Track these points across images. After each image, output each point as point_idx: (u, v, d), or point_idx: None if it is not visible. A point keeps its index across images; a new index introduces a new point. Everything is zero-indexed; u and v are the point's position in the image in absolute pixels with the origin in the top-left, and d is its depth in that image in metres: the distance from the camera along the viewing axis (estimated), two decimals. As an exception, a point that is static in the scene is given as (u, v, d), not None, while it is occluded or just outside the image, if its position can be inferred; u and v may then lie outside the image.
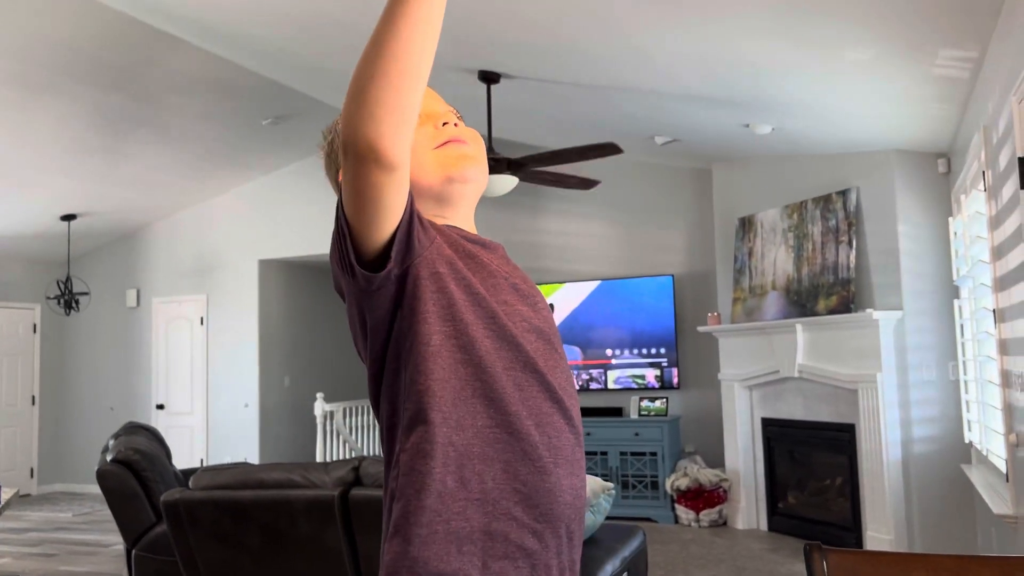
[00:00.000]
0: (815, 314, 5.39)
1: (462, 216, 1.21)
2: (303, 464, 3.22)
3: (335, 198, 8.21)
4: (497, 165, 4.91)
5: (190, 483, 3.34)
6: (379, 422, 1.11)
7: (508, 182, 4.97)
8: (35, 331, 8.82)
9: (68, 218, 7.89)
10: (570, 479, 1.09)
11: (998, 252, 3.34)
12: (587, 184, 5.20)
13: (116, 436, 4.83)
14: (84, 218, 8.02)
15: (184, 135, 6.79)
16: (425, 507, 1.00)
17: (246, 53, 5.26)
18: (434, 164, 1.16)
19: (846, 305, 5.18)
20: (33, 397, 8.79)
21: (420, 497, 1.00)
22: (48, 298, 8.70)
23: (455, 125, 1.19)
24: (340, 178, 1.17)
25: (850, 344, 5.14)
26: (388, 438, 1.08)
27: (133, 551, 4.10)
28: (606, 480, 6.51)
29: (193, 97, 6.11)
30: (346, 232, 1.01)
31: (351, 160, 0.94)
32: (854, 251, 5.24)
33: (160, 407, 8.60)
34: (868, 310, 4.95)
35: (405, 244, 1.03)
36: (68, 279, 8.27)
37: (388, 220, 0.99)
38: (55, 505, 8.02)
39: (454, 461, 1.01)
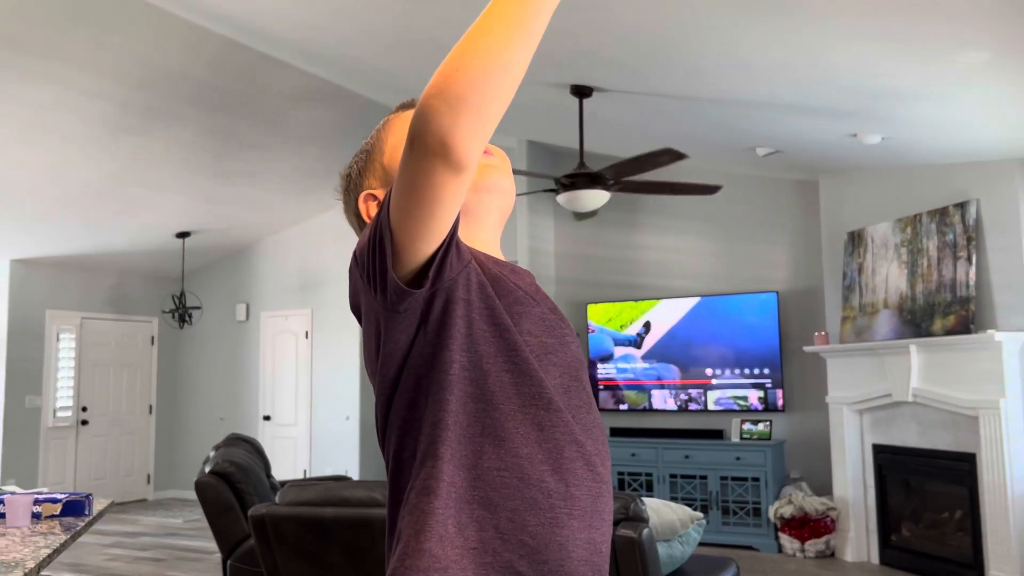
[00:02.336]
0: (931, 334, 5.05)
1: (488, 234, 1.14)
2: (385, 483, 3.21)
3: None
4: (589, 181, 4.82)
5: (276, 498, 3.38)
6: (384, 455, 1.04)
7: (599, 197, 4.87)
8: (152, 343, 9.27)
9: (183, 235, 8.26)
10: (588, 532, 0.99)
11: None
12: (708, 189, 4.91)
13: (217, 448, 4.98)
14: (197, 235, 8.38)
15: (288, 155, 7.00)
16: (423, 551, 0.92)
17: (345, 73, 5.37)
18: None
19: (965, 325, 4.83)
20: (150, 406, 9.22)
21: (419, 539, 0.93)
22: (164, 312, 9.13)
23: None
24: (366, 211, 1.16)
25: (970, 367, 4.78)
26: (395, 474, 1.01)
27: (228, 561, 4.20)
28: (705, 506, 6.28)
29: (296, 118, 6.29)
30: (387, 241, 0.94)
31: (418, 154, 0.88)
32: (974, 267, 4.88)
33: (267, 418, 8.87)
34: (990, 331, 4.59)
35: (442, 263, 0.96)
36: (182, 294, 8.66)
37: (438, 228, 0.93)
38: (168, 511, 8.37)
39: (454, 503, 0.94)
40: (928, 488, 5.28)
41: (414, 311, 0.97)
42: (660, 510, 3.15)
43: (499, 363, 0.99)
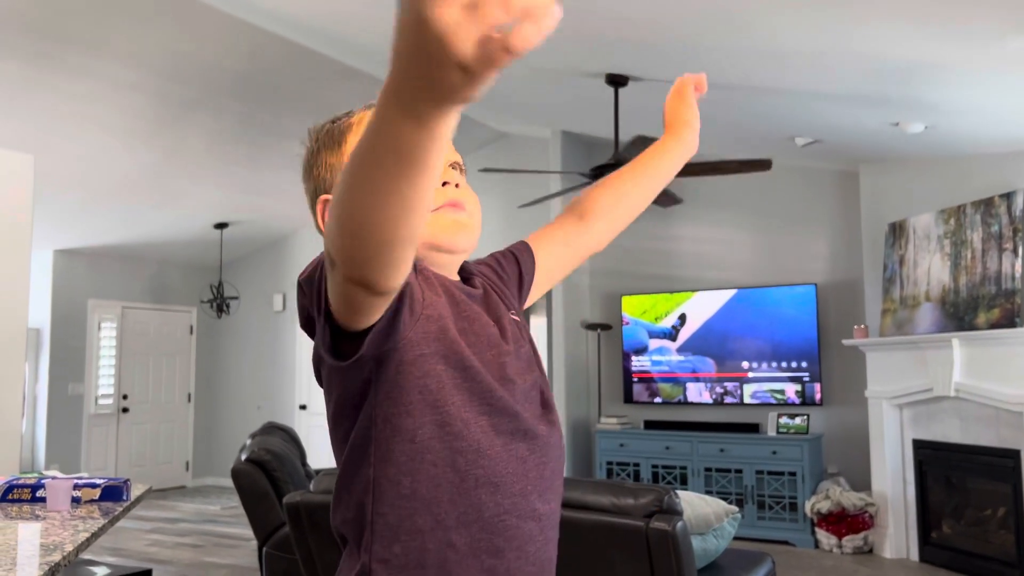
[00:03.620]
0: (974, 328, 4.93)
1: (445, 270, 1.06)
2: (418, 472, 3.21)
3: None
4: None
5: (311, 486, 3.40)
6: (337, 494, 0.97)
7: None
8: (191, 333, 9.40)
9: (220, 226, 8.35)
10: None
11: None
12: (757, 165, 4.70)
13: (253, 436, 5.04)
14: (235, 226, 8.47)
15: (324, 146, 7.03)
16: None
17: (381, 64, 5.38)
18: (425, 228, 0.96)
19: (1010, 319, 4.71)
20: (189, 395, 9.36)
21: None
22: (202, 302, 9.25)
23: (456, 186, 1.05)
24: (321, 216, 1.04)
25: (1015, 362, 4.67)
26: (352, 528, 0.94)
27: (264, 548, 4.24)
28: (740, 500, 6.22)
29: (332, 108, 6.32)
30: (322, 308, 0.84)
31: (338, 278, 0.77)
32: (1020, 260, 4.76)
33: (303, 407, 8.97)
34: (1036, 325, 4.48)
35: (385, 332, 0.86)
36: (220, 284, 8.77)
37: (372, 319, 0.83)
38: (206, 498, 8.50)
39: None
40: (970, 485, 5.17)
41: (359, 370, 0.90)
42: (694, 503, 3.11)
43: (473, 409, 0.94)
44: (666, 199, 5.25)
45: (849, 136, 5.36)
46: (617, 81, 4.78)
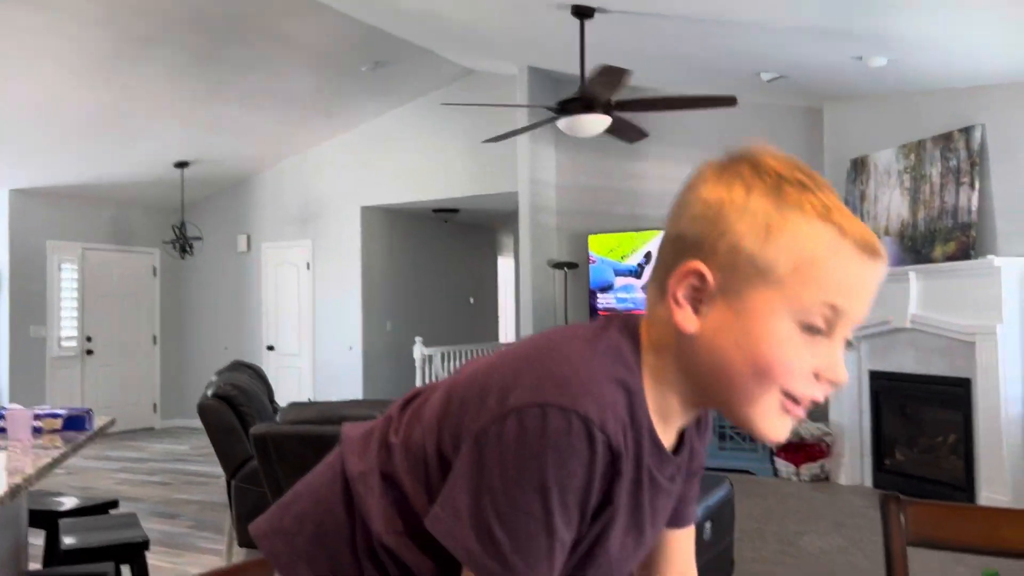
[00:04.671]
0: (931, 261, 5.04)
1: (694, 407, 0.83)
2: (384, 401, 3.24)
3: (433, 144, 8.27)
4: (591, 105, 4.75)
5: (278, 417, 3.43)
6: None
7: (600, 122, 4.81)
8: (155, 274, 9.29)
9: (181, 165, 8.20)
10: None
11: None
12: (722, 101, 4.66)
13: (219, 373, 5.03)
14: (196, 165, 8.32)
15: (286, 84, 6.90)
16: None
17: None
18: (771, 397, 0.75)
19: (965, 252, 4.82)
20: (154, 337, 9.29)
21: None
22: (165, 242, 9.13)
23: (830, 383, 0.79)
24: (675, 285, 0.76)
25: (969, 293, 4.78)
26: None
27: (232, 482, 4.28)
28: (703, 431, 6.36)
29: (294, 46, 6.18)
30: None
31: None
32: (977, 193, 4.84)
33: (270, 348, 8.95)
34: (989, 257, 4.58)
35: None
36: (182, 224, 8.65)
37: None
38: (175, 438, 8.51)
39: None
40: (923, 413, 5.33)
41: None
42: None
43: None
44: (633, 133, 5.25)
45: (813, 71, 5.36)
46: (583, 12, 4.73)
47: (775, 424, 0.77)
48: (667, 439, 0.82)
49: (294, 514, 0.91)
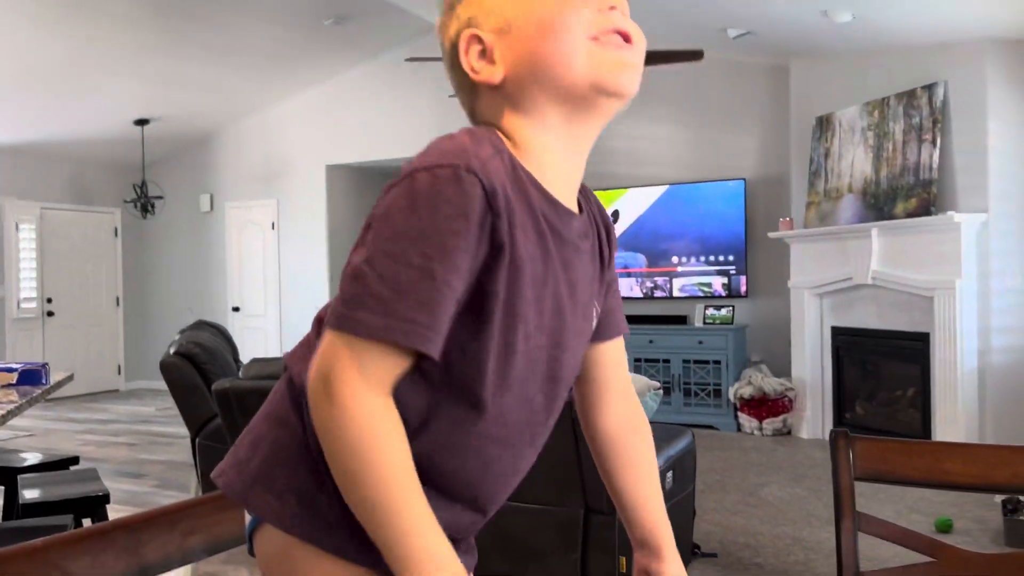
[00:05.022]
0: (893, 218, 5.10)
1: (582, 145, 0.93)
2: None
3: (399, 100, 8.14)
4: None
5: (240, 373, 3.40)
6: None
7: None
8: (116, 235, 9.13)
9: (141, 123, 8.03)
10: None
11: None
12: (689, 56, 4.64)
13: (182, 331, 4.98)
14: (156, 123, 8.15)
15: (248, 38, 6.75)
16: None
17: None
18: (586, 60, 0.84)
19: (926, 208, 4.88)
20: (117, 298, 9.16)
21: None
22: (125, 202, 8.97)
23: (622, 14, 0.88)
24: (466, 55, 0.86)
25: (929, 249, 4.86)
26: None
27: (197, 440, 4.26)
28: (667, 388, 6.44)
29: (252, -5, 6.04)
30: None
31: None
32: (938, 150, 4.89)
33: (236, 309, 8.87)
34: (949, 213, 4.65)
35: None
36: (144, 183, 8.49)
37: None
38: (140, 400, 8.44)
39: None
40: (883, 368, 5.44)
41: None
42: (618, 380, 3.22)
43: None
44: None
45: (779, 27, 5.35)
46: (548, -35, 4.64)
47: (607, 62, 0.86)
48: (563, 197, 0.88)
49: (248, 443, 0.90)
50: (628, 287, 7.07)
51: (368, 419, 0.75)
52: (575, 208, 0.91)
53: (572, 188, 0.92)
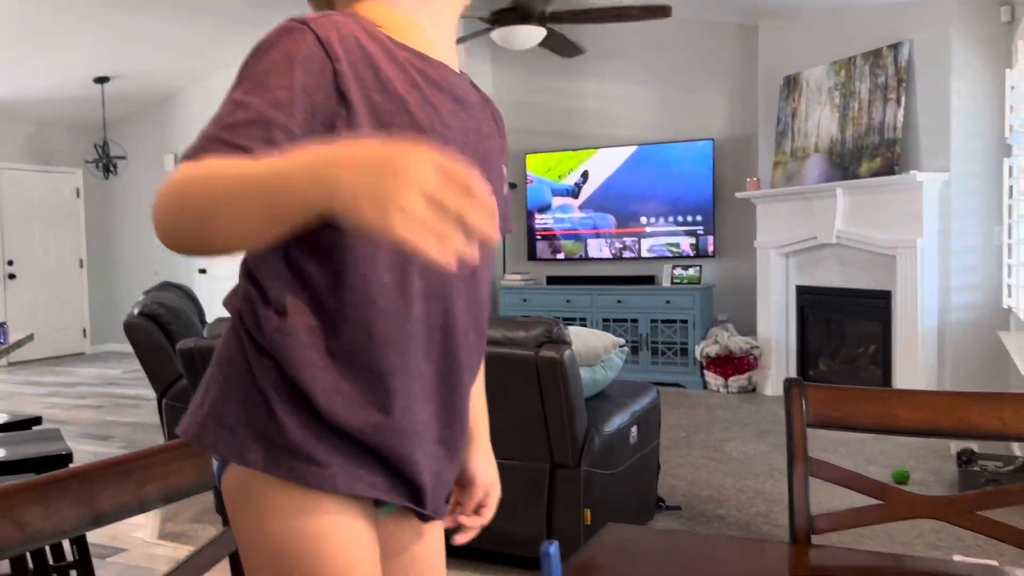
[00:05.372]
0: (857, 177, 5.15)
1: (442, 18, 0.95)
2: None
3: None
4: (526, 16, 4.65)
5: (204, 332, 3.38)
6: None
7: (534, 34, 4.73)
8: (78, 195, 8.96)
9: (101, 80, 7.83)
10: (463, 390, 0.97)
11: (1052, 100, 3.08)
12: (656, 12, 4.57)
13: (147, 292, 4.92)
14: (117, 81, 7.96)
15: (208, -9, 6.59)
16: None
17: None
18: None
19: (890, 168, 4.93)
20: (81, 260, 9.02)
21: None
22: (87, 162, 8.78)
23: None
24: None
25: (892, 208, 4.92)
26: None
27: (163, 401, 4.23)
28: (635, 347, 6.50)
29: (213, -52, 5.87)
30: None
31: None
32: (902, 110, 4.93)
33: (202, 271, 8.77)
34: (912, 172, 4.70)
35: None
36: (105, 143, 8.31)
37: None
38: (106, 363, 8.36)
39: None
40: (846, 326, 5.52)
41: None
42: (584, 336, 3.24)
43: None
44: (568, 48, 5.18)
45: (749, -15, 5.33)
46: (516, -81, 4.58)
47: None
48: (435, 53, 0.92)
49: (202, 388, 0.93)
50: (598, 248, 7.09)
51: (189, 167, 0.76)
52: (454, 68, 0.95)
53: (445, 55, 0.94)
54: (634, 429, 3.19)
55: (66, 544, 2.90)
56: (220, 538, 1.12)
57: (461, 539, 1.08)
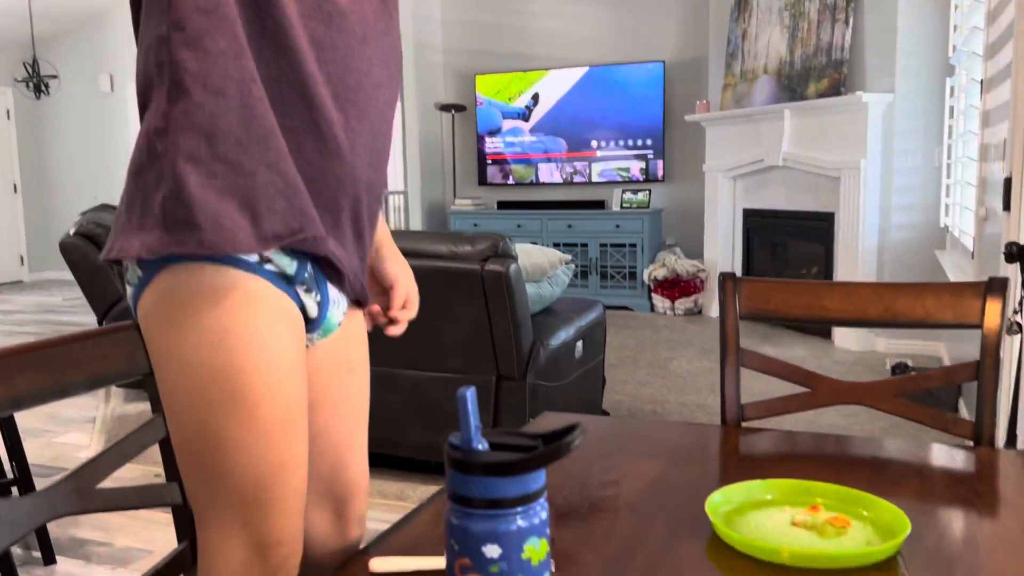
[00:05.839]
0: (805, 99, 5.17)
1: None
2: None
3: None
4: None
5: (143, 249, 3.30)
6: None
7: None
8: (8, 117, 8.59)
9: (28, -6, 7.45)
10: (368, 171, 0.95)
11: (992, 16, 3.10)
12: None
13: (84, 213, 4.78)
14: (45, -5, 7.57)
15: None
16: None
17: None
18: None
19: (837, 88, 4.95)
20: (15, 185, 8.70)
21: None
22: (16, 81, 8.40)
23: None
24: None
25: (837, 129, 4.96)
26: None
27: (103, 323, 4.15)
28: (585, 271, 6.54)
29: None
30: None
31: None
32: (850, 30, 4.93)
33: (144, 197, 8.53)
34: (858, 93, 4.72)
35: None
36: (35, 61, 7.94)
37: None
38: (45, 290, 8.15)
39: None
40: (790, 248, 5.61)
41: None
42: (530, 252, 3.24)
43: None
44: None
45: (701, -100, 5.21)
46: None
47: None
48: None
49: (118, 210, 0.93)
50: (549, 172, 7.05)
51: None
52: None
53: None
54: (579, 343, 3.23)
55: (7, 463, 2.86)
56: (149, 423, 1.11)
57: (395, 331, 1.12)
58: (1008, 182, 2.47)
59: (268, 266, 0.88)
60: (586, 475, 1.11)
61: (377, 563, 0.84)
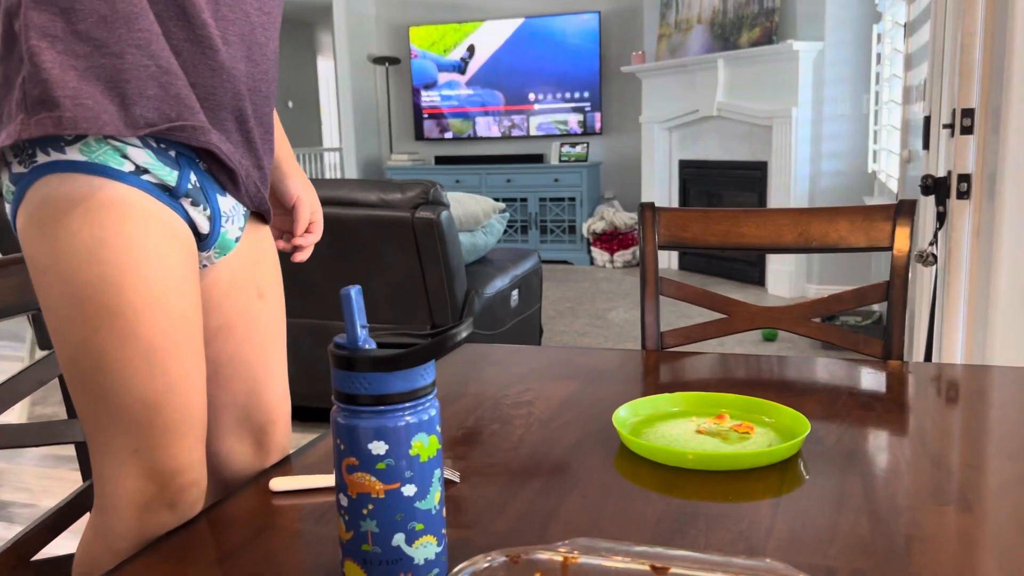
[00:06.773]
0: (737, 48, 5.19)
1: None
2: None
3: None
4: None
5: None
6: None
7: None
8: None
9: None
10: (246, 64, 0.91)
11: (916, -42, 3.14)
12: None
13: (0, 172, 4.59)
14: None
15: None
16: None
17: None
18: None
19: (768, 37, 4.98)
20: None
21: None
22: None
23: None
24: None
25: (769, 78, 5.00)
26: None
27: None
28: (525, 226, 6.53)
29: None
30: None
31: None
32: (782, -22, 4.95)
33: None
34: (789, 41, 4.76)
35: None
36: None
37: None
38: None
39: None
40: (725, 198, 5.68)
41: None
42: (463, 201, 3.21)
43: None
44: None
45: None
46: None
47: None
48: None
49: None
50: (487, 126, 6.99)
51: None
52: None
53: None
54: (515, 292, 3.22)
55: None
56: (44, 360, 1.07)
57: (301, 256, 1.08)
58: (927, 120, 2.52)
59: (146, 177, 0.84)
60: (500, 396, 1.10)
61: (277, 483, 0.82)
